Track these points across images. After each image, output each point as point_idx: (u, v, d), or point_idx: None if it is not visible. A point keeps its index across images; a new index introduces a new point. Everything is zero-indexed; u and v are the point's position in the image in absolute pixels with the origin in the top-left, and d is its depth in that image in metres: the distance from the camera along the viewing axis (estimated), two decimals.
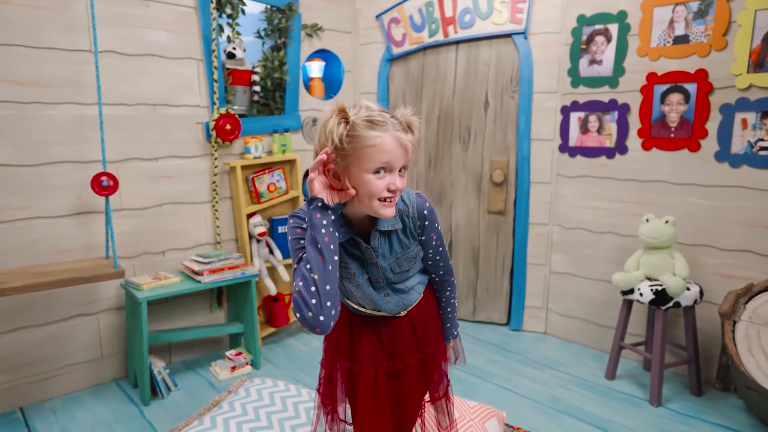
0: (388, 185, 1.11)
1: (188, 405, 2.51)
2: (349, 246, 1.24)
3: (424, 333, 1.39)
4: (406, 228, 1.26)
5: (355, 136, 1.08)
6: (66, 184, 2.48)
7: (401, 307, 1.35)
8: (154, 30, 2.66)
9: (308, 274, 1.06)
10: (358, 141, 1.08)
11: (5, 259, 2.34)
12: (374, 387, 1.31)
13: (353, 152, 1.08)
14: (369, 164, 1.09)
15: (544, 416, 2.44)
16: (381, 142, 1.08)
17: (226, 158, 3.02)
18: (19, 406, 2.47)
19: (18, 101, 2.31)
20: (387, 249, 1.26)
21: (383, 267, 1.27)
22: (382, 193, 1.12)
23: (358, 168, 1.09)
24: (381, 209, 1.14)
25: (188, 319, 2.98)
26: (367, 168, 1.09)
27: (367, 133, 1.08)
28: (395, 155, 1.10)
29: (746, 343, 2.19)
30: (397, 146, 1.10)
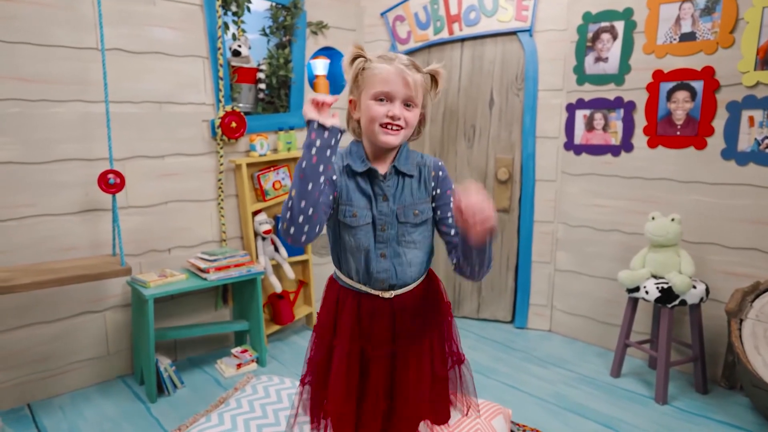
0: (387, 111, 1.22)
1: (194, 402, 2.52)
2: (362, 180, 1.30)
3: (403, 328, 1.35)
4: (420, 178, 1.34)
5: (365, 68, 1.25)
6: (73, 181, 2.49)
7: (391, 278, 1.32)
8: (160, 28, 2.66)
9: (290, 191, 1.13)
10: (367, 71, 1.24)
11: (13, 257, 2.35)
12: (347, 363, 1.32)
13: (362, 81, 1.25)
14: (371, 90, 1.22)
15: (550, 414, 2.45)
16: (384, 71, 1.22)
17: (231, 156, 3.03)
18: (27, 403, 2.48)
19: (24, 99, 2.32)
20: (399, 192, 1.31)
21: (391, 210, 1.30)
22: (382, 118, 1.22)
23: (365, 95, 1.24)
24: (382, 135, 1.24)
25: (194, 316, 2.99)
26: (370, 94, 1.23)
27: (374, 64, 1.24)
28: (395, 85, 1.21)
29: (753, 341, 2.18)
30: (399, 78, 1.21)
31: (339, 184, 1.29)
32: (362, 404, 1.35)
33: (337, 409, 1.34)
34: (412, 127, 1.27)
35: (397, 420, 1.38)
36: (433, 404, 1.46)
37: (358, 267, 1.32)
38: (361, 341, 1.34)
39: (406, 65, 1.23)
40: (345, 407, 1.34)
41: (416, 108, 1.26)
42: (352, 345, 1.33)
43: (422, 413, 1.43)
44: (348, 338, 1.33)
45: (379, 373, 1.35)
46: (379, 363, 1.35)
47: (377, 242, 1.30)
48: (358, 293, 1.35)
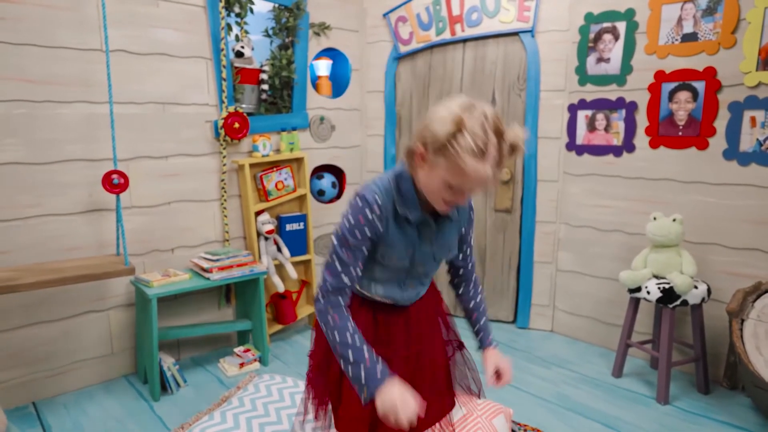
0: (453, 200, 1.17)
1: (197, 401, 2.53)
2: (410, 227, 1.25)
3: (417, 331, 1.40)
4: (455, 218, 1.34)
5: (456, 152, 1.09)
6: (77, 181, 2.51)
7: (413, 300, 1.38)
8: (163, 29, 2.68)
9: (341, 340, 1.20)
10: (455, 157, 1.09)
11: (18, 256, 2.37)
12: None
13: (446, 159, 1.10)
14: (450, 176, 1.12)
15: (552, 414, 2.45)
16: (471, 173, 1.09)
17: (234, 156, 3.04)
18: (32, 401, 2.50)
19: (30, 100, 2.34)
20: (440, 235, 1.31)
21: (431, 251, 1.30)
22: (445, 199, 1.17)
23: (440, 169, 1.12)
24: (438, 206, 1.20)
25: (197, 316, 3.01)
26: (447, 178, 1.12)
27: (466, 158, 1.08)
28: (474, 186, 1.14)
29: (754, 341, 2.19)
30: (482, 181, 1.12)
31: (383, 230, 1.23)
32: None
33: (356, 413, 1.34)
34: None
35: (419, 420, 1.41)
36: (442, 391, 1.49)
37: (388, 294, 1.35)
38: (379, 346, 1.34)
39: (494, 166, 1.12)
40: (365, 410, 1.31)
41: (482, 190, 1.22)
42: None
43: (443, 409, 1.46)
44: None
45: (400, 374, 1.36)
46: (400, 365, 1.36)
47: (408, 277, 1.33)
48: (376, 303, 1.38)
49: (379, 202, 1.20)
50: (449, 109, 1.12)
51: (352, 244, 1.21)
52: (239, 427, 1.90)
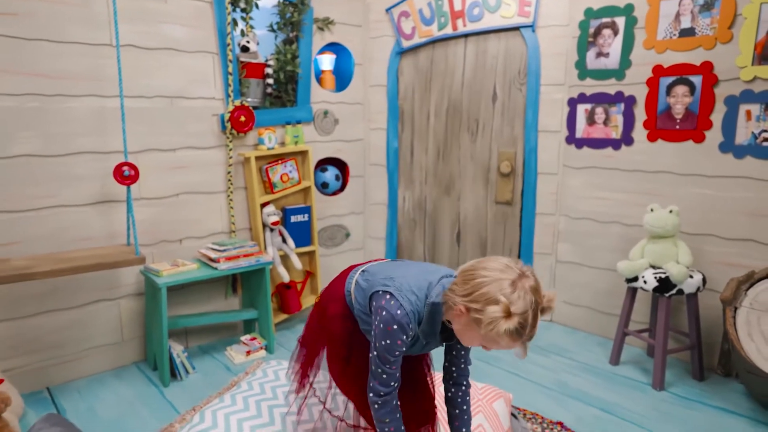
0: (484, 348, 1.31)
1: (206, 386, 2.61)
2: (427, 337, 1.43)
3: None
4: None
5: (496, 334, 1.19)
6: (88, 174, 2.58)
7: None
8: (171, 24, 2.74)
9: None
10: (494, 336, 1.20)
11: (32, 246, 2.44)
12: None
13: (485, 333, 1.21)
14: (486, 340, 1.25)
15: (550, 399, 2.52)
16: (505, 346, 1.24)
17: (240, 149, 3.11)
18: (46, 386, 2.58)
19: (42, 94, 2.40)
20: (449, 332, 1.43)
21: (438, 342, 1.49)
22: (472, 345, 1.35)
23: (476, 333, 1.25)
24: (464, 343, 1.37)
25: (204, 305, 3.08)
26: (480, 341, 1.27)
27: (504, 338, 1.20)
28: (504, 348, 1.26)
29: (747, 328, 2.25)
30: (511, 347, 1.24)
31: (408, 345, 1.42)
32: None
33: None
34: None
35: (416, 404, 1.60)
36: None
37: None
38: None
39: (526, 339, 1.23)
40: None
41: None
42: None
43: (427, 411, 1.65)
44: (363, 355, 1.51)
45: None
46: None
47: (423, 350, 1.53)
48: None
49: (411, 328, 1.35)
50: (499, 285, 1.20)
51: (393, 361, 1.37)
52: (249, 409, 1.97)
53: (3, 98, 2.30)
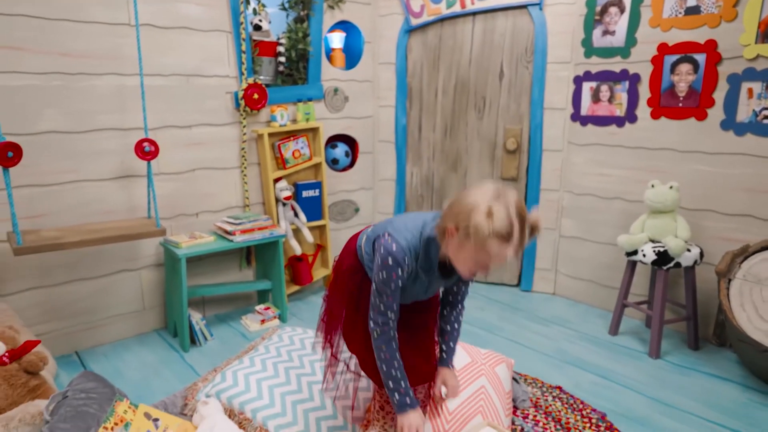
0: (478, 272, 1.40)
1: (224, 351, 2.76)
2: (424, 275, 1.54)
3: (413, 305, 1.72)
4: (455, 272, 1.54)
5: (484, 238, 1.28)
6: (110, 149, 2.69)
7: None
8: (187, 4, 2.81)
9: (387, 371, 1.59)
10: (483, 242, 1.29)
11: (57, 218, 2.58)
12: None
13: (475, 242, 1.30)
14: (478, 255, 1.33)
15: (550, 366, 2.65)
16: (498, 255, 1.31)
17: (253, 126, 3.20)
18: (75, 350, 2.75)
19: (66, 72, 2.50)
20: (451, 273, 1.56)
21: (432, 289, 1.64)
22: (470, 272, 1.41)
23: (468, 249, 1.33)
24: (463, 274, 1.44)
25: (220, 276, 3.22)
26: (475, 256, 1.34)
27: (493, 242, 1.28)
28: (497, 262, 1.34)
29: (739, 299, 2.35)
30: (504, 259, 1.32)
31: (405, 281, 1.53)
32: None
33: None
34: None
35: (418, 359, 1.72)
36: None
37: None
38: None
39: (518, 248, 1.31)
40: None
41: None
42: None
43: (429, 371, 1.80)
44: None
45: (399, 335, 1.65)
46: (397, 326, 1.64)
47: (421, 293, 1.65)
48: None
49: (407, 263, 1.47)
50: (482, 196, 1.31)
51: (390, 293, 1.50)
52: (266, 370, 2.12)
53: (29, 77, 2.40)
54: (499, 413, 2.06)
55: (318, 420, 1.96)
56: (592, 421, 2.18)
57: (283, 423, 1.93)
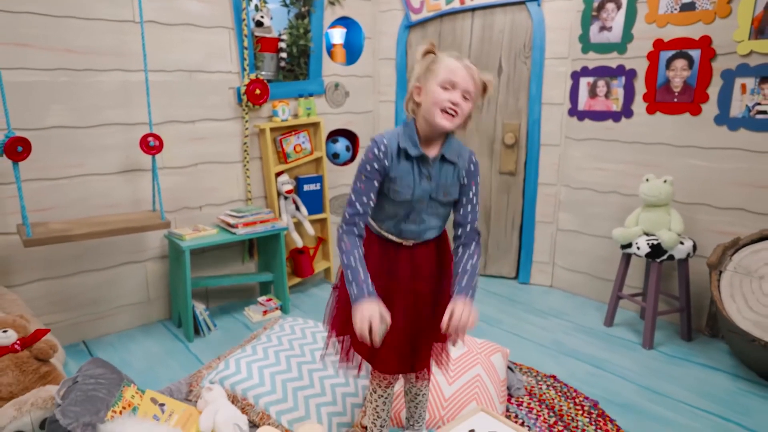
0: (450, 98, 1.41)
1: (227, 342, 2.83)
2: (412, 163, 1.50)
3: (420, 270, 1.61)
4: (457, 167, 1.54)
5: (437, 60, 1.44)
6: (115, 144, 2.75)
7: (415, 237, 1.59)
8: (190, 1, 2.86)
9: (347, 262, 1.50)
10: (439, 62, 1.43)
11: (65, 211, 2.64)
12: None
13: (433, 70, 1.43)
14: (439, 78, 1.41)
15: (546, 356, 2.72)
16: (453, 64, 1.42)
17: (255, 121, 3.26)
18: (83, 340, 2.82)
19: (72, 68, 2.55)
20: (439, 175, 1.53)
21: (431, 188, 1.52)
22: (444, 103, 1.41)
23: (432, 82, 1.43)
24: (440, 119, 1.43)
25: (223, 269, 3.29)
26: (438, 81, 1.42)
27: (447, 59, 1.44)
28: (462, 78, 1.42)
29: (729, 290, 2.41)
30: (465, 72, 1.42)
31: (389, 166, 1.49)
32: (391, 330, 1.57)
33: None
34: (463, 117, 1.46)
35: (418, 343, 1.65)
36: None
37: (390, 225, 1.59)
38: (385, 277, 1.60)
39: (470, 65, 1.45)
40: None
41: (471, 102, 1.46)
42: (377, 280, 1.55)
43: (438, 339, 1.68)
44: (373, 273, 1.56)
45: (403, 304, 1.60)
46: (402, 296, 1.61)
47: (411, 211, 1.56)
48: (386, 240, 1.61)
49: (384, 142, 1.49)
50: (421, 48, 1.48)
51: (365, 176, 1.50)
52: (268, 358, 2.19)
53: (36, 73, 2.46)
54: (493, 400, 2.13)
55: (318, 406, 2.03)
56: (584, 409, 2.25)
57: (284, 408, 2.00)
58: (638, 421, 2.18)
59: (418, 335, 1.65)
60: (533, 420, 2.17)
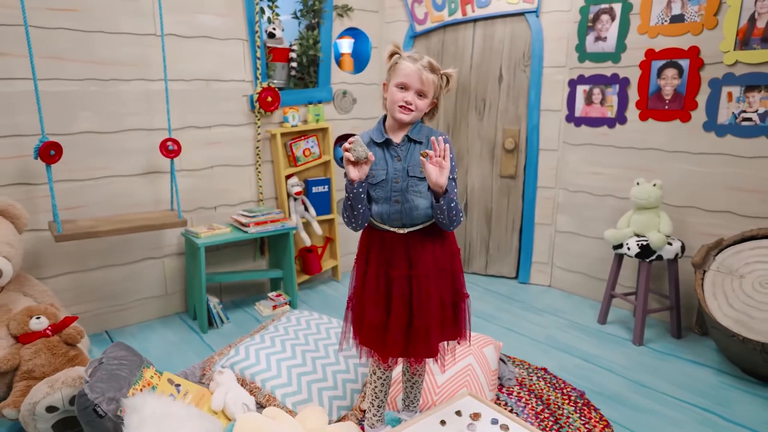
0: (403, 97, 1.65)
1: (239, 333, 3.02)
2: (381, 148, 1.72)
3: (416, 258, 1.73)
4: (428, 144, 1.71)
5: (396, 63, 1.68)
6: (137, 148, 2.96)
7: (403, 218, 1.71)
8: (206, 14, 3.08)
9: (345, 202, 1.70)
10: (397, 65, 1.67)
11: (91, 210, 2.86)
12: (375, 282, 1.75)
13: (392, 72, 1.68)
14: (396, 80, 1.66)
15: (539, 350, 2.86)
16: (407, 68, 1.64)
17: (267, 126, 3.46)
18: (105, 330, 3.04)
19: (99, 78, 2.78)
20: (409, 154, 1.71)
21: (403, 167, 1.70)
22: (399, 101, 1.65)
23: (392, 83, 1.68)
24: (397, 113, 1.67)
25: (235, 265, 3.49)
26: (395, 82, 1.67)
27: (403, 62, 1.66)
28: (412, 80, 1.64)
29: (712, 288, 2.53)
30: (416, 75, 1.63)
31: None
32: (389, 316, 1.76)
33: (371, 318, 1.76)
34: (420, 111, 1.69)
35: (414, 330, 1.77)
36: (443, 324, 1.81)
37: (381, 211, 1.74)
38: (385, 266, 1.75)
39: (424, 66, 1.65)
40: (377, 316, 1.75)
41: (426, 98, 1.68)
42: (379, 269, 1.75)
43: (433, 327, 1.77)
44: (375, 264, 1.75)
45: (400, 292, 1.74)
46: (399, 283, 1.74)
47: (392, 191, 1.71)
48: (382, 231, 1.77)
49: (362, 135, 1.71)
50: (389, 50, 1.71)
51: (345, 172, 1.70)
52: (275, 346, 2.37)
53: (68, 83, 2.68)
54: (483, 388, 2.29)
55: (320, 390, 2.21)
56: (571, 398, 2.39)
57: (289, 392, 2.18)
58: (622, 411, 2.31)
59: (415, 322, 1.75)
60: (521, 407, 2.32)
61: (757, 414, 2.29)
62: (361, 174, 1.61)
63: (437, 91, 1.71)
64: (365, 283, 1.78)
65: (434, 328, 1.76)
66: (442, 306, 1.78)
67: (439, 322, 1.77)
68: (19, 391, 2.11)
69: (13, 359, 2.17)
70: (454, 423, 1.82)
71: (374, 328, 1.75)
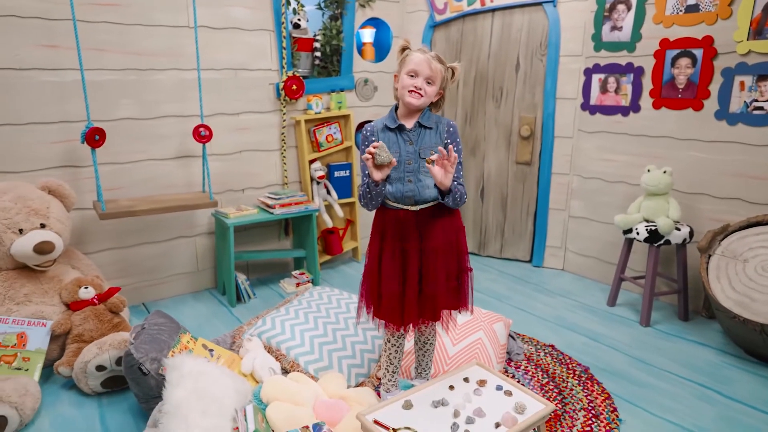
0: (413, 83, 1.82)
1: (265, 307, 3.23)
2: (395, 133, 1.88)
3: (426, 232, 1.91)
4: (437, 130, 1.90)
5: (406, 56, 1.85)
6: (172, 133, 3.17)
7: (415, 196, 1.87)
8: (236, 7, 3.24)
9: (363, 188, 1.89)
10: (407, 57, 1.85)
11: (130, 191, 3.08)
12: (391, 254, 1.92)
13: (404, 62, 1.85)
14: (407, 68, 1.83)
15: (547, 329, 3.00)
16: (416, 57, 1.82)
17: (292, 113, 3.63)
18: (142, 302, 3.28)
19: (138, 68, 2.98)
20: (420, 138, 1.88)
21: (414, 150, 1.87)
22: (410, 87, 1.82)
23: (403, 72, 1.85)
24: (407, 97, 1.83)
25: (262, 244, 3.70)
26: (406, 71, 1.84)
27: (413, 53, 1.84)
28: (421, 67, 1.81)
29: (716, 272, 2.63)
30: (425, 63, 1.81)
31: (376, 138, 1.89)
32: (404, 286, 1.94)
33: (390, 289, 1.93)
34: (429, 96, 1.86)
35: (424, 298, 1.96)
36: (449, 293, 1.99)
37: (395, 190, 1.91)
38: (400, 242, 1.93)
39: (432, 57, 1.82)
40: (394, 287, 1.93)
41: (434, 86, 1.85)
42: (395, 244, 1.93)
43: (439, 295, 1.95)
44: (391, 240, 1.93)
45: (412, 263, 1.93)
46: (412, 255, 1.92)
47: (405, 172, 1.89)
48: (396, 210, 1.94)
49: (370, 126, 1.93)
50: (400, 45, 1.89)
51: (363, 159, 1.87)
52: (298, 317, 2.56)
53: (111, 72, 2.89)
54: (492, 360, 2.44)
55: (340, 359, 2.40)
56: (575, 373, 2.53)
57: (311, 359, 2.37)
58: (624, 385, 2.44)
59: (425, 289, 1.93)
60: (528, 380, 2.47)
61: (755, 391, 2.40)
62: (383, 175, 1.80)
63: (444, 82, 1.88)
64: (382, 258, 1.95)
65: (440, 296, 1.95)
66: (447, 276, 1.96)
67: (444, 290, 1.96)
68: (72, 353, 2.36)
69: (66, 324, 2.41)
70: (461, 388, 1.98)
71: (392, 297, 1.93)
